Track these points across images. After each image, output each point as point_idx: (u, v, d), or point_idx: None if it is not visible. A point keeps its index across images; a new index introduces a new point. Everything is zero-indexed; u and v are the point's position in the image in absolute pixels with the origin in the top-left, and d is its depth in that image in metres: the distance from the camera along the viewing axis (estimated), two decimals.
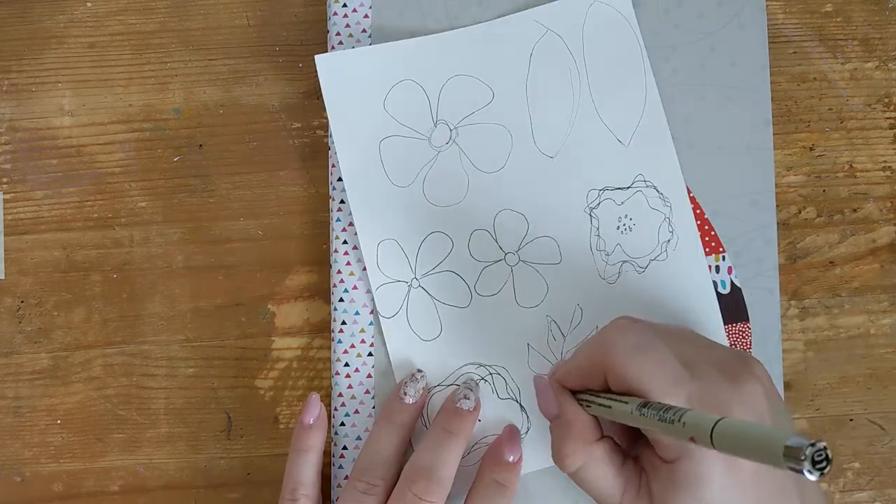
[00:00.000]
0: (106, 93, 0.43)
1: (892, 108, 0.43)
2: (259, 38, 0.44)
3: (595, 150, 0.41)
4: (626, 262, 0.41)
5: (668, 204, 0.41)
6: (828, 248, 0.43)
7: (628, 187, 0.41)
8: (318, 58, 0.41)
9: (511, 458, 0.39)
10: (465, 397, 0.39)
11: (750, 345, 0.41)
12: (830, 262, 0.43)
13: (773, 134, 0.42)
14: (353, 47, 0.42)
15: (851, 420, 0.42)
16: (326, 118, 0.43)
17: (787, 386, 0.42)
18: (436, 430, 0.38)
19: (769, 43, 0.42)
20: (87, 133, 0.43)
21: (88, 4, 0.44)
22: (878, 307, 0.43)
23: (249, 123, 0.43)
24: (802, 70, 0.43)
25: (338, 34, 0.42)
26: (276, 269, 0.43)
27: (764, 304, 0.41)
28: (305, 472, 0.38)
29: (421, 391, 0.40)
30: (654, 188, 0.41)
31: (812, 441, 0.22)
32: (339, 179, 0.42)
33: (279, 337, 0.43)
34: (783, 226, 0.42)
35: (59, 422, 0.42)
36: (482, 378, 0.41)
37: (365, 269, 0.41)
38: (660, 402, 0.29)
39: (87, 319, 0.43)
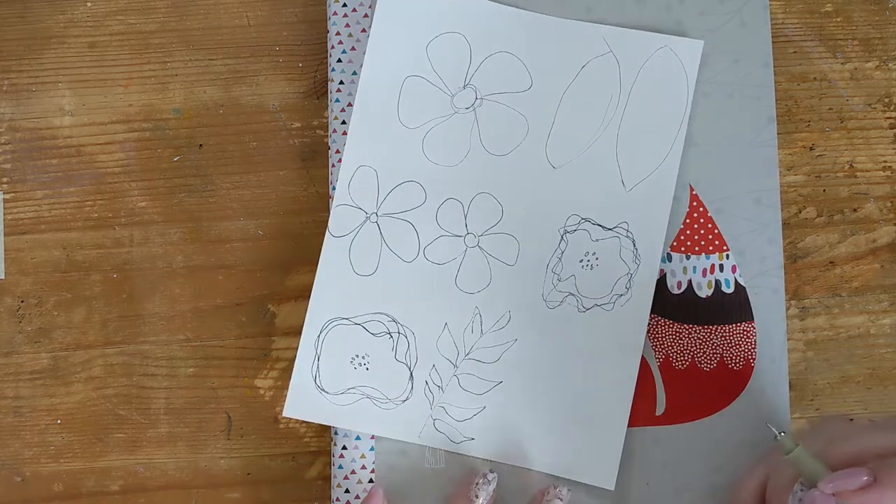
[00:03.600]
0: (106, 93, 0.43)
1: (892, 108, 0.43)
2: (259, 38, 0.44)
3: (596, 181, 0.41)
4: (572, 294, 0.40)
5: (638, 261, 0.40)
6: (828, 248, 0.43)
7: (609, 229, 0.41)
8: None
9: None
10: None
11: (754, 344, 0.41)
12: (830, 262, 0.43)
13: None
14: (354, 48, 0.42)
15: (852, 420, 0.42)
16: (326, 118, 0.43)
17: (788, 386, 0.41)
18: None
19: None
20: (87, 133, 0.43)
21: (88, 4, 0.44)
22: (878, 307, 0.42)
23: (249, 123, 0.43)
24: (802, 70, 0.43)
25: (338, 34, 0.42)
26: (275, 269, 0.43)
27: (768, 303, 0.41)
28: None
29: (492, 494, 0.38)
30: (633, 241, 0.41)
31: None
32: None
33: (279, 337, 0.43)
34: (783, 225, 0.42)
35: (59, 422, 0.42)
36: (388, 333, 0.40)
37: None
38: None
39: (87, 319, 0.43)
